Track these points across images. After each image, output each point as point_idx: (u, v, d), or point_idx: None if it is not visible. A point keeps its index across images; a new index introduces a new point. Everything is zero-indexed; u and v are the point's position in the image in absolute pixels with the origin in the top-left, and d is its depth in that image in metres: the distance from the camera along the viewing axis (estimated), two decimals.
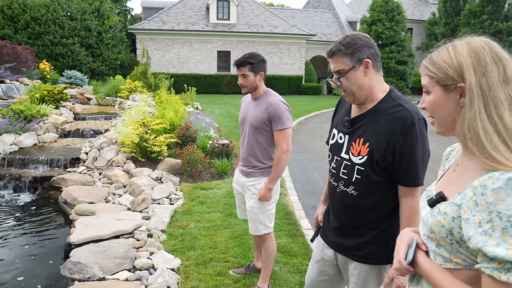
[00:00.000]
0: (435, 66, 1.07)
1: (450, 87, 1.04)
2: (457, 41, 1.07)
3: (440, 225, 1.03)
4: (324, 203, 2.09)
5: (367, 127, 1.69)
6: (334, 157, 1.83)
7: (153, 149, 6.18)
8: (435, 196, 1.09)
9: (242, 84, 2.78)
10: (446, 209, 1.02)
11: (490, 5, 25.91)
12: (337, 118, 1.91)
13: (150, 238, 3.89)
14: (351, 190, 1.73)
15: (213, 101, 18.69)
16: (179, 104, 9.06)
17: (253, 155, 2.85)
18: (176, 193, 5.27)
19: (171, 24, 23.87)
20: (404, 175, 1.62)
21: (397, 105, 1.63)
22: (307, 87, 25.70)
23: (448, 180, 1.12)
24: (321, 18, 30.45)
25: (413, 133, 1.57)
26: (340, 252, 1.85)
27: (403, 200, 1.66)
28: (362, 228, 1.75)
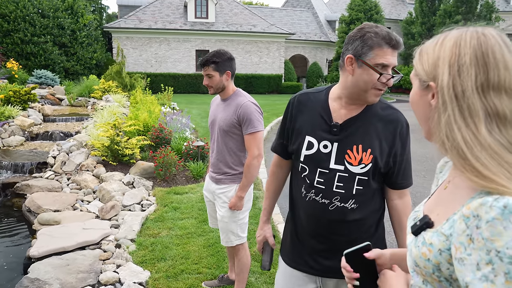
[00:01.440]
0: (419, 56, 0.90)
1: (423, 83, 0.88)
2: (454, 31, 0.87)
3: (425, 258, 0.84)
4: (268, 222, 1.87)
5: (364, 131, 1.50)
6: (315, 169, 1.54)
7: (125, 152, 5.91)
8: (419, 222, 0.90)
9: (207, 85, 2.60)
10: (432, 239, 0.84)
11: (464, 5, 26.43)
12: (304, 123, 1.59)
13: (118, 248, 3.65)
14: (350, 205, 1.52)
15: (192, 101, 18.39)
16: (154, 104, 8.79)
17: (223, 161, 2.66)
18: (149, 199, 5.03)
19: (148, 23, 23.41)
20: (403, 178, 1.58)
21: (387, 107, 1.56)
22: (286, 86, 25.65)
23: (438, 199, 0.94)
24: (300, 17, 30.46)
25: (408, 136, 1.55)
26: (331, 276, 1.61)
27: (399, 202, 1.60)
28: (357, 240, 1.54)
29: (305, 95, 1.64)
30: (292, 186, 1.70)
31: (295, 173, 1.67)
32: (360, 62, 1.41)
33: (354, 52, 1.42)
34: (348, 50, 1.45)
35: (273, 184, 1.87)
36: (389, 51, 1.40)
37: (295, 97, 1.67)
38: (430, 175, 7.10)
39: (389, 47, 1.40)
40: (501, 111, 0.77)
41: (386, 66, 1.40)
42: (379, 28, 1.41)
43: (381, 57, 1.39)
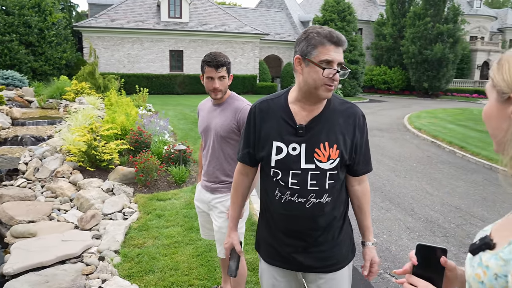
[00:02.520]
0: (499, 66, 0.82)
1: (503, 95, 0.79)
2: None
3: (478, 280, 0.79)
4: (236, 228, 1.90)
5: (328, 129, 1.60)
6: (289, 172, 1.61)
7: (103, 157, 5.66)
8: (479, 242, 0.84)
9: (218, 89, 2.39)
10: (489, 262, 0.78)
11: (432, 8, 27.21)
12: (270, 129, 1.64)
13: (102, 261, 3.45)
14: (325, 199, 1.62)
15: (167, 102, 18.06)
16: (130, 106, 8.51)
17: (219, 169, 2.53)
18: (130, 206, 4.82)
19: (120, 22, 22.82)
20: (364, 164, 1.71)
21: (344, 102, 1.68)
22: (261, 86, 25.63)
23: (508, 222, 0.87)
24: (274, 17, 30.53)
25: (365, 126, 1.69)
26: (310, 271, 1.72)
27: (359, 188, 1.74)
28: (329, 233, 1.68)
29: (265, 102, 1.70)
30: (264, 190, 1.74)
31: (265, 178, 1.72)
32: (307, 61, 1.51)
33: (301, 53, 1.52)
34: (296, 52, 1.55)
35: (239, 192, 1.90)
36: (331, 48, 1.48)
37: (255, 106, 1.72)
38: (410, 175, 7.20)
39: (331, 44, 1.48)
40: None
41: (330, 62, 1.49)
42: (321, 28, 1.51)
43: (324, 54, 1.48)
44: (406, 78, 29.98)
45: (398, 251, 4.11)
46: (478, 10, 37.39)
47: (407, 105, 22.30)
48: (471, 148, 9.41)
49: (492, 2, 64.34)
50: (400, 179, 6.95)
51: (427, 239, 4.43)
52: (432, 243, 0.98)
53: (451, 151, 9.58)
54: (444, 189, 6.39)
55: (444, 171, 7.63)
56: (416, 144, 10.42)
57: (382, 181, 6.75)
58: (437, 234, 4.60)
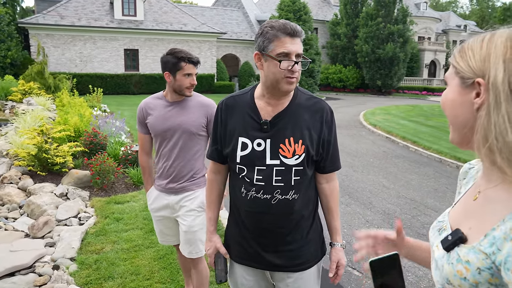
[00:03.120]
0: (461, 53, 0.84)
1: (467, 81, 0.80)
2: (503, 28, 0.82)
3: (460, 276, 0.78)
4: (216, 231, 1.81)
5: (293, 124, 1.58)
6: (253, 168, 1.58)
7: (56, 160, 5.38)
8: (451, 237, 0.83)
9: (193, 85, 2.40)
10: (468, 257, 0.77)
11: (383, 9, 28.30)
12: (235, 125, 1.63)
13: (57, 270, 3.26)
14: (291, 195, 1.58)
15: (122, 103, 17.52)
16: (84, 107, 8.16)
17: (187, 166, 2.45)
18: (86, 211, 4.61)
19: (70, 19, 21.84)
20: (332, 162, 1.68)
21: (311, 97, 1.65)
22: (219, 85, 25.53)
23: (467, 211, 0.87)
24: (231, 16, 30.47)
25: (333, 122, 1.67)
26: (277, 270, 1.68)
27: (327, 186, 1.72)
28: (298, 231, 1.65)
29: (232, 98, 1.70)
30: (231, 188, 1.72)
31: (232, 175, 1.71)
32: (265, 56, 1.50)
33: (259, 48, 1.52)
34: (255, 48, 1.55)
35: (214, 192, 1.82)
36: (287, 39, 1.47)
37: (222, 102, 1.71)
38: (367, 170, 7.42)
39: (286, 36, 1.47)
40: None
41: (288, 54, 1.47)
42: (276, 21, 1.49)
43: (280, 47, 1.46)
44: (361, 76, 30.96)
45: None
46: (424, 12, 39.34)
47: (362, 102, 23.04)
48: (423, 142, 9.87)
49: (436, 5, 68.01)
50: (358, 174, 7.16)
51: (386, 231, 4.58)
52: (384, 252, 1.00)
53: (404, 146, 10.00)
54: (400, 182, 6.65)
55: (399, 165, 7.95)
56: (372, 140, 10.78)
57: (341, 176, 6.91)
58: (395, 226, 4.76)
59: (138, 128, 2.60)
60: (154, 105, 2.49)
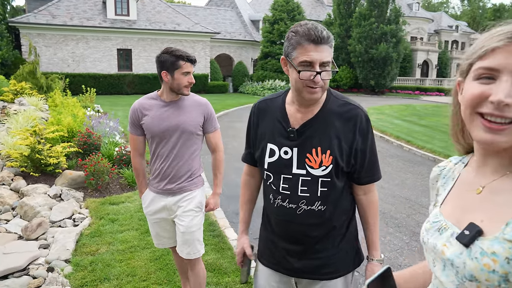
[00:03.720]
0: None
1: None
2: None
3: (489, 270, 0.75)
4: (246, 232, 1.83)
5: (321, 133, 1.49)
6: (279, 176, 1.54)
7: (49, 161, 5.32)
8: (469, 231, 0.81)
9: (191, 83, 2.39)
10: (493, 248, 0.75)
11: (376, 9, 28.43)
12: (266, 130, 1.60)
13: (51, 272, 3.22)
14: (318, 207, 1.52)
15: (115, 103, 17.41)
16: (77, 107, 8.09)
17: (186, 166, 2.43)
18: (81, 212, 4.56)
19: (62, 19, 21.63)
20: (368, 173, 1.56)
21: (345, 104, 1.53)
22: (213, 85, 25.48)
23: (468, 206, 0.86)
24: (224, 16, 30.42)
25: (369, 130, 1.54)
26: (304, 277, 1.63)
27: (364, 198, 1.61)
28: (329, 241, 1.59)
29: (264, 102, 1.66)
30: (263, 192, 1.71)
31: (263, 180, 1.68)
32: (289, 62, 1.43)
33: (284, 54, 1.45)
34: (283, 52, 1.47)
35: (246, 193, 1.84)
36: (310, 47, 1.36)
37: (255, 105, 1.68)
38: None
39: (310, 43, 1.36)
40: None
41: (311, 63, 1.37)
42: (302, 26, 1.39)
43: (303, 55, 1.37)
44: (354, 76, 31.06)
45: None
46: (417, 13, 39.61)
47: None
48: (417, 142, 9.92)
49: (428, 5, 68.51)
50: None
51: (381, 231, 4.59)
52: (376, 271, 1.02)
53: (398, 145, 10.05)
54: (394, 182, 6.67)
55: (393, 165, 7.98)
56: None
57: None
58: (390, 225, 4.78)
59: (130, 130, 2.52)
60: (150, 106, 2.43)
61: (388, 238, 4.40)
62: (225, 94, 25.50)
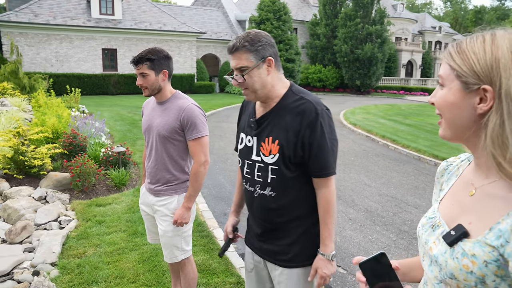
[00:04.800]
0: (461, 55, 0.83)
1: (471, 86, 0.80)
2: (499, 30, 0.82)
3: (467, 270, 0.79)
4: (234, 214, 2.02)
5: (273, 125, 1.65)
6: (245, 161, 1.75)
7: (33, 162, 5.22)
8: (455, 232, 0.84)
9: (141, 85, 2.34)
10: (474, 250, 0.79)
11: (361, 10, 28.72)
12: (243, 122, 1.84)
13: (37, 276, 3.16)
14: (268, 192, 1.67)
15: (101, 103, 17.19)
16: (62, 108, 7.96)
17: (163, 170, 2.42)
18: (67, 214, 4.50)
19: (45, 17, 21.26)
20: (316, 167, 1.62)
21: (299, 99, 1.64)
22: (199, 85, 25.37)
23: (462, 207, 0.89)
24: (211, 16, 30.31)
25: (319, 123, 1.59)
26: (266, 259, 1.79)
27: (318, 192, 1.67)
28: (285, 229, 1.71)
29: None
30: None
31: None
32: None
33: None
34: None
35: (239, 177, 2.00)
36: (231, 57, 1.62)
37: (243, 101, 1.90)
38: (349, 168, 7.51)
39: (229, 53, 1.62)
40: None
41: (233, 71, 1.63)
42: (234, 39, 1.62)
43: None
44: (340, 76, 31.31)
45: (343, 242, 4.26)
46: (401, 13, 40.10)
47: (341, 102, 23.30)
48: (402, 141, 10.05)
49: (412, 6, 69.50)
50: (340, 173, 7.23)
51: (368, 229, 4.65)
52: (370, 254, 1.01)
53: (384, 144, 10.17)
54: (381, 180, 6.75)
55: (380, 163, 8.08)
56: (352, 139, 10.92)
57: None
58: (377, 223, 4.84)
59: None
60: (148, 105, 2.55)
61: (375, 236, 4.45)
62: (212, 94, 25.42)
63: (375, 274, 0.95)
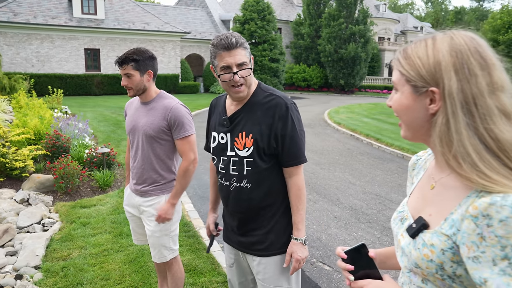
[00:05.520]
0: (408, 61, 0.89)
1: (420, 89, 0.86)
2: (439, 34, 0.88)
3: (427, 259, 0.86)
4: (213, 211, 2.12)
5: (246, 120, 1.74)
6: (220, 158, 1.83)
7: (15, 164, 5.13)
8: (415, 224, 0.91)
9: (126, 86, 2.34)
10: (432, 240, 0.86)
11: (345, 10, 29.00)
12: (213, 121, 1.91)
13: (20, 280, 3.11)
14: (245, 184, 1.75)
15: (84, 104, 16.95)
16: (44, 109, 7.83)
17: (150, 170, 2.42)
18: (50, 216, 4.43)
19: (25, 17, 20.84)
20: (288, 156, 1.73)
21: (269, 95, 1.75)
22: (184, 85, 25.24)
23: (425, 200, 0.95)
24: (195, 16, 30.18)
25: (289, 116, 1.71)
26: (244, 251, 1.87)
27: (289, 180, 1.79)
28: (261, 219, 1.80)
29: (215, 99, 1.97)
30: None
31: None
32: (214, 70, 1.72)
33: (211, 63, 1.73)
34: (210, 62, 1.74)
35: (213, 176, 2.11)
36: (225, 53, 1.63)
37: (212, 101, 1.99)
38: (333, 167, 7.59)
39: (224, 50, 1.63)
40: (508, 109, 0.81)
41: (228, 67, 1.64)
42: (217, 38, 1.65)
43: (221, 61, 1.65)
44: (324, 75, 31.55)
45: (328, 240, 4.31)
46: (384, 14, 40.64)
47: (326, 101, 23.49)
48: (386, 139, 10.20)
49: (394, 7, 70.51)
50: (325, 171, 7.30)
51: (353, 226, 4.71)
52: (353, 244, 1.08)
53: (368, 143, 10.30)
54: (365, 178, 6.85)
55: (364, 162, 8.18)
56: (337, 138, 11.03)
57: (308, 174, 7.03)
58: (362, 220, 4.91)
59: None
60: (131, 105, 2.55)
61: (360, 233, 4.51)
62: (196, 94, 25.31)
63: (356, 264, 1.00)
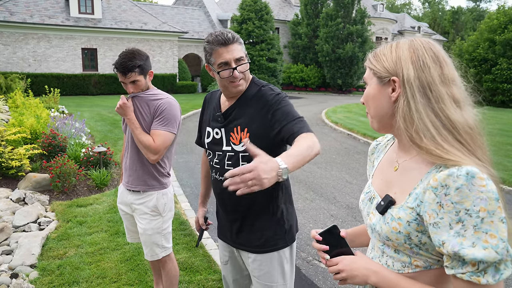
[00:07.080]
0: (376, 58, 1.08)
1: (384, 79, 1.04)
2: (403, 39, 1.08)
3: (396, 231, 0.99)
4: (203, 205, 2.14)
5: (240, 114, 1.73)
6: (215, 153, 1.81)
7: (11, 164, 5.12)
8: (383, 202, 1.04)
9: (133, 93, 2.33)
10: (399, 214, 0.99)
11: (342, 10, 29.03)
12: (206, 117, 1.90)
13: (15, 279, 3.11)
14: None
15: (81, 104, 16.92)
16: (40, 108, 7.82)
17: (140, 167, 2.41)
18: (47, 215, 4.43)
19: (21, 16, 20.77)
20: (292, 129, 1.56)
21: (260, 88, 1.75)
22: (181, 85, 25.21)
23: (389, 180, 1.09)
24: (192, 15, 30.16)
25: (280, 99, 1.68)
26: (239, 248, 1.85)
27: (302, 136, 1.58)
28: (256, 214, 1.77)
29: (210, 94, 1.96)
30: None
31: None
32: (211, 68, 1.70)
33: (206, 62, 1.72)
34: (205, 61, 1.74)
35: (204, 170, 2.14)
36: (222, 49, 1.62)
37: (205, 96, 1.97)
38: (330, 166, 7.61)
39: (221, 46, 1.62)
40: (457, 96, 0.97)
41: (226, 63, 1.63)
42: (211, 35, 1.65)
43: (219, 58, 1.63)
44: (322, 75, 31.57)
45: None
46: (381, 14, 40.68)
47: (323, 101, 23.52)
48: None
49: (392, 7, 70.64)
50: (322, 170, 7.32)
51: (350, 225, 4.73)
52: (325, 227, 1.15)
53: (365, 142, 10.32)
54: (362, 177, 6.86)
55: (361, 161, 8.20)
56: (334, 137, 11.05)
57: (305, 173, 7.04)
58: (358, 219, 4.92)
59: None
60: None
61: None
62: (194, 94, 25.29)
63: (330, 244, 1.09)
